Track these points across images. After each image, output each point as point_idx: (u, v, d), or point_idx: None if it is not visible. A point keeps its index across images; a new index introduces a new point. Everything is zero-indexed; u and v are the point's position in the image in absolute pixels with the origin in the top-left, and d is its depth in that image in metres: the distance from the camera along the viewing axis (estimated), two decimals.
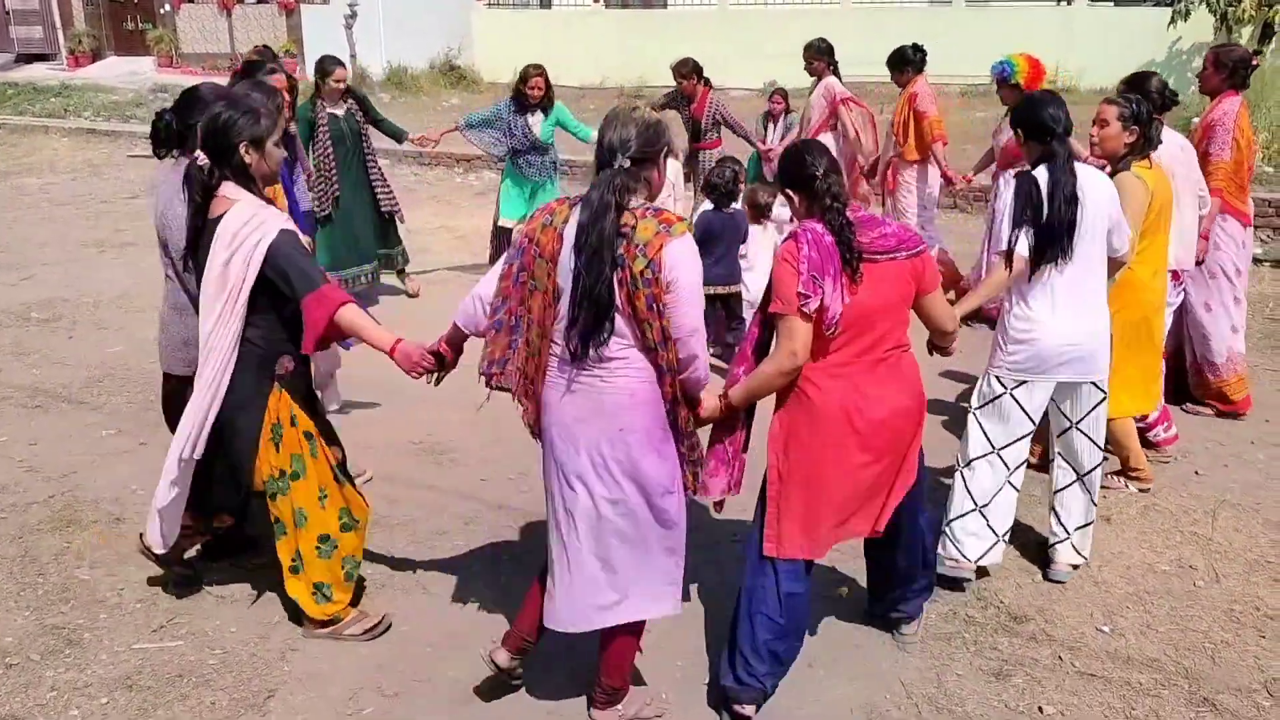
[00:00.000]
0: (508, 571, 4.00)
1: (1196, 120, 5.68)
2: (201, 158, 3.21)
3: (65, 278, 8.10)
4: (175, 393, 3.92)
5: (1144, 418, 4.78)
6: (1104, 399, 3.76)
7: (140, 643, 3.58)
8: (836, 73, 7.65)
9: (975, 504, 3.77)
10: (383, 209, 7.23)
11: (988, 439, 3.75)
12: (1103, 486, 4.15)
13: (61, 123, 16.01)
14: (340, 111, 6.99)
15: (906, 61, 7.00)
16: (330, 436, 3.62)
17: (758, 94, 8.49)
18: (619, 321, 2.74)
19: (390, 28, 22.76)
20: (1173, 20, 17.72)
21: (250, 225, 3.19)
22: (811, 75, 7.72)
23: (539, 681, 3.31)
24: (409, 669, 3.45)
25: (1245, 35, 17.21)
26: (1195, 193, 4.95)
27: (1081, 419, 3.78)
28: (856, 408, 2.99)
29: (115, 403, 5.68)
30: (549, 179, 7.50)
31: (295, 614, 3.65)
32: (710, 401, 3.05)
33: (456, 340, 3.20)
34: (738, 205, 6.18)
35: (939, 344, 3.34)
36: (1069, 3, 19.40)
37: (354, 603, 3.71)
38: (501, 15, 22.10)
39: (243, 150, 3.23)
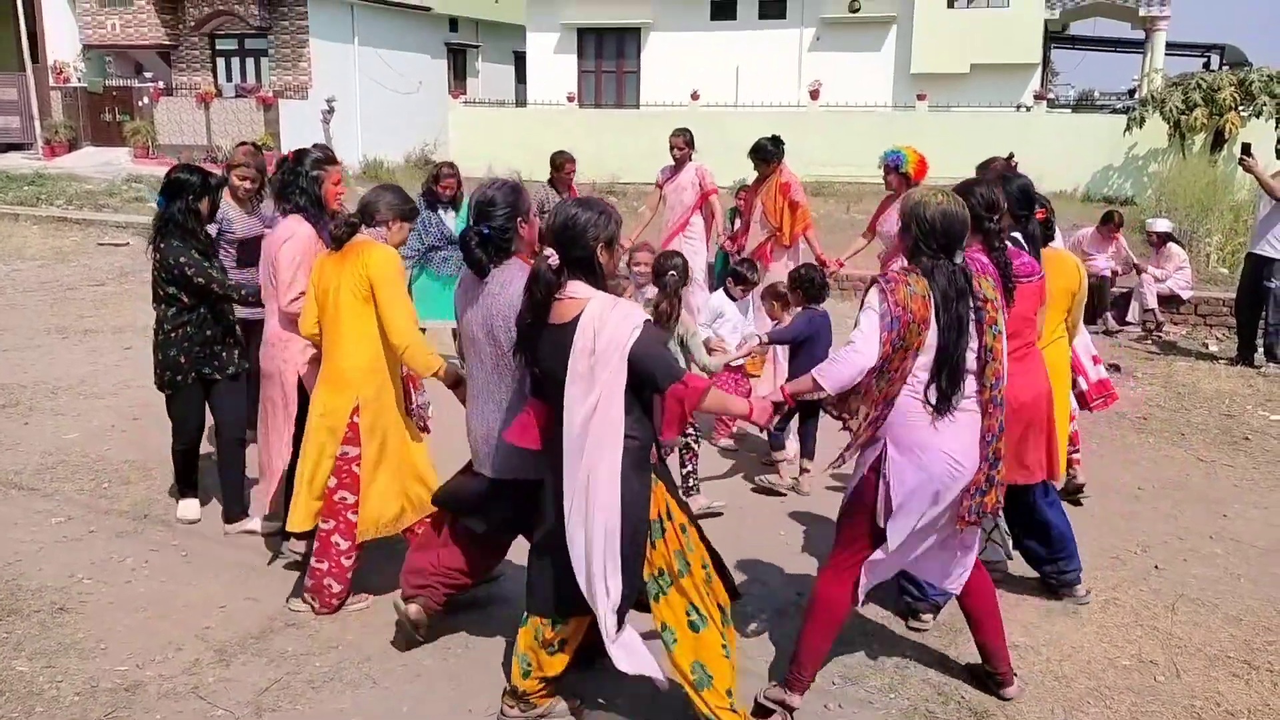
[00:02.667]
0: None
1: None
2: (553, 257, 3.09)
3: (24, 363, 8.02)
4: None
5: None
6: None
7: None
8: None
9: None
10: None
11: None
12: None
13: (33, 210, 16.05)
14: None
15: (769, 154, 7.49)
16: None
17: (728, 191, 8.69)
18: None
19: (367, 122, 23.24)
20: (1128, 127, 18.40)
21: (614, 322, 3.05)
22: (679, 161, 8.21)
23: None
24: None
25: (1198, 142, 17.85)
26: None
27: None
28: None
29: (66, 490, 5.57)
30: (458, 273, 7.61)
31: None
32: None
33: (803, 392, 3.47)
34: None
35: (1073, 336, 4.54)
36: (1028, 109, 20.09)
37: None
38: (477, 112, 22.62)
39: (598, 250, 3.13)
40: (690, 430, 5.18)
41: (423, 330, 7.21)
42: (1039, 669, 3.92)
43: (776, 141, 7.56)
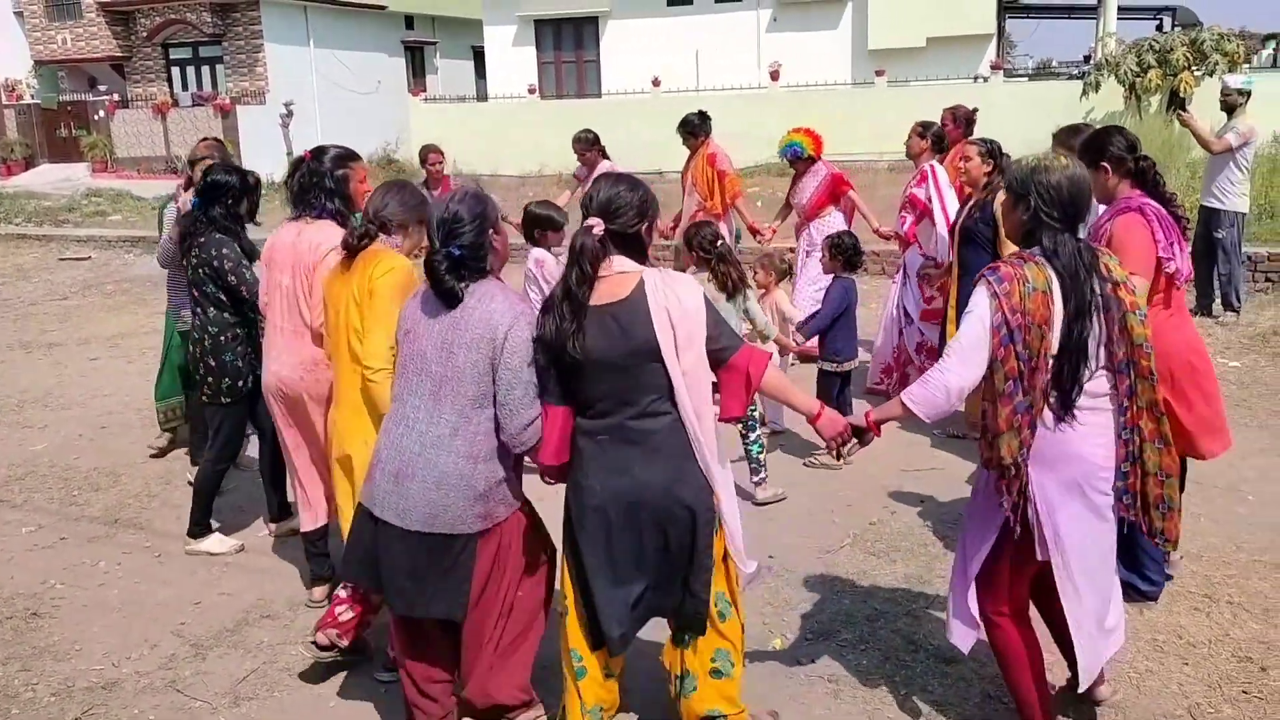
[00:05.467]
0: None
1: None
2: (598, 226, 2.87)
3: None
4: None
5: None
6: None
7: None
8: (606, 155, 8.52)
9: None
10: None
11: None
12: None
13: None
14: None
15: (696, 128, 7.94)
16: None
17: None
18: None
19: (327, 124, 23.11)
20: (1084, 92, 18.54)
21: (681, 291, 2.87)
22: (586, 164, 8.45)
23: None
24: None
25: (1154, 103, 18.02)
26: None
27: None
28: None
29: (36, 499, 5.56)
30: None
31: None
32: None
33: (892, 419, 3.16)
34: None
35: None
36: (985, 80, 20.20)
37: None
38: (438, 109, 22.52)
39: (644, 226, 2.95)
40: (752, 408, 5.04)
41: None
42: None
43: (703, 116, 8.00)
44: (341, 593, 3.71)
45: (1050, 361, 2.83)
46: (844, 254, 5.79)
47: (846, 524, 4.86)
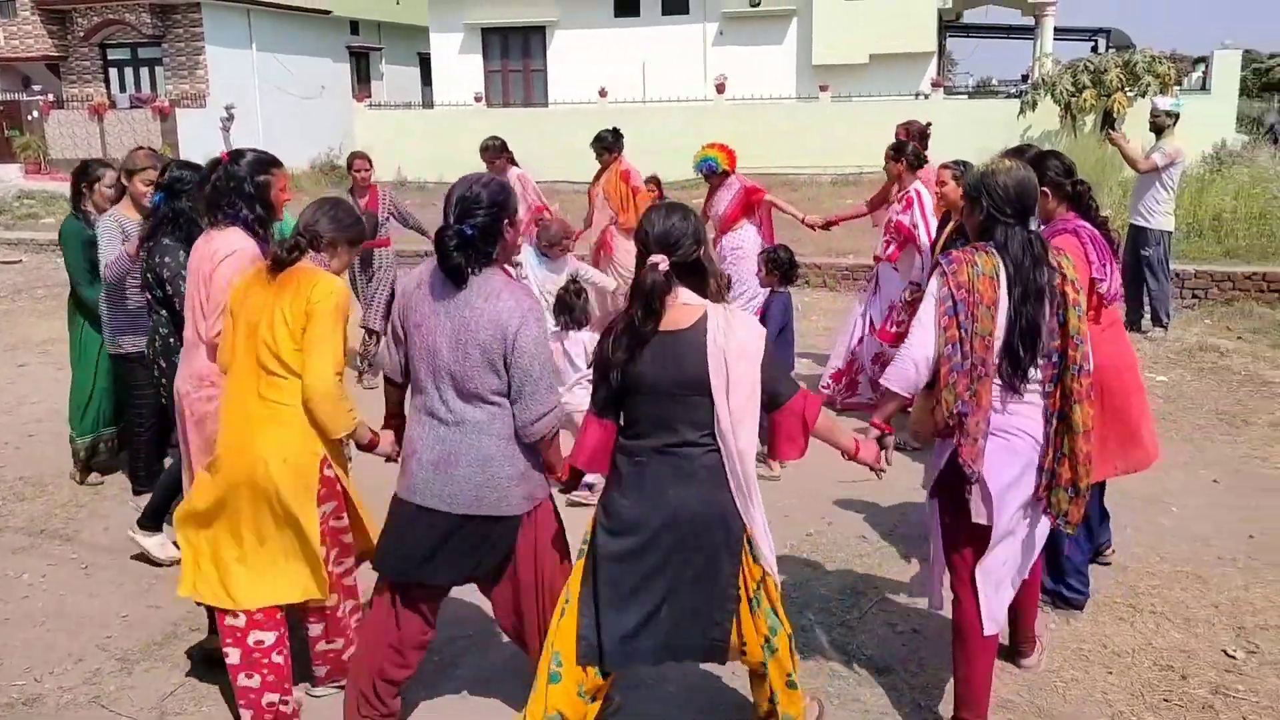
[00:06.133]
0: None
1: None
2: (664, 263, 2.88)
3: None
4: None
5: None
6: None
7: None
8: (514, 162, 8.58)
9: None
10: None
11: None
12: None
13: None
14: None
15: (610, 145, 8.22)
16: None
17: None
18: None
19: (269, 129, 22.82)
20: (1022, 111, 18.98)
21: (740, 331, 2.91)
22: (494, 172, 8.30)
23: None
24: None
25: (1088, 123, 18.48)
26: None
27: None
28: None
29: None
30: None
31: None
32: None
33: (891, 412, 3.36)
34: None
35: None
36: (926, 96, 20.56)
37: None
38: (383, 115, 22.33)
39: (701, 254, 2.99)
40: None
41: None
42: (936, 621, 4.05)
43: (616, 134, 8.32)
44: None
45: (999, 343, 3.09)
46: (780, 268, 5.85)
47: (783, 535, 4.89)
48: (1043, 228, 3.94)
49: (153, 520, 4.71)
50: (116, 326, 5.17)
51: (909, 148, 6.69)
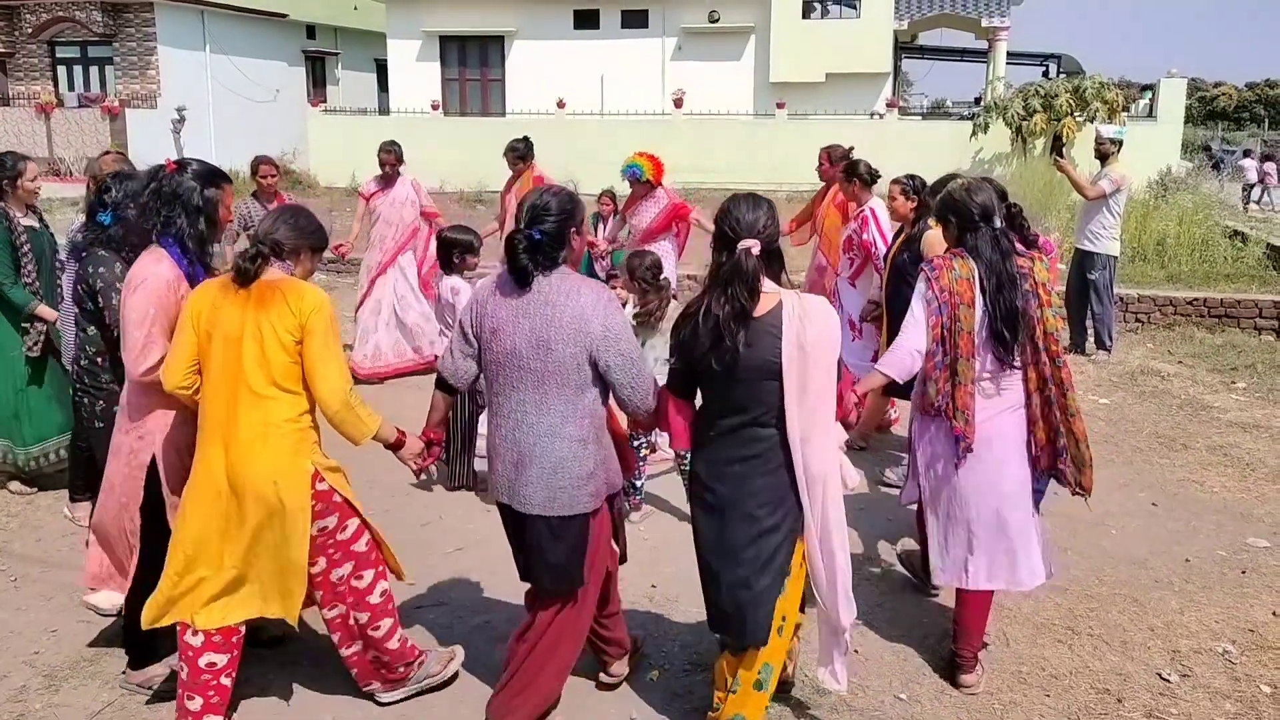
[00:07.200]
0: None
1: None
2: (756, 246, 3.02)
3: None
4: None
5: None
6: None
7: None
8: (401, 160, 8.47)
9: None
10: None
11: None
12: None
13: None
14: (36, 222, 5.57)
15: (524, 154, 8.46)
16: None
17: (594, 199, 8.84)
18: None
19: (221, 132, 22.53)
20: (974, 133, 19.28)
21: (817, 316, 3.05)
22: (389, 176, 8.34)
23: None
24: None
25: (1039, 146, 18.79)
26: None
27: None
28: None
29: None
30: None
31: None
32: None
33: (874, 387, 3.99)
34: None
35: None
36: (881, 116, 20.80)
37: None
38: (338, 120, 22.10)
39: (778, 241, 3.19)
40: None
41: None
42: (880, 643, 4.08)
43: (528, 143, 8.55)
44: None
45: (985, 333, 3.56)
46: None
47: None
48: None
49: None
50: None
51: (860, 166, 6.73)
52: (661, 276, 5.23)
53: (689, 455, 3.29)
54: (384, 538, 3.57)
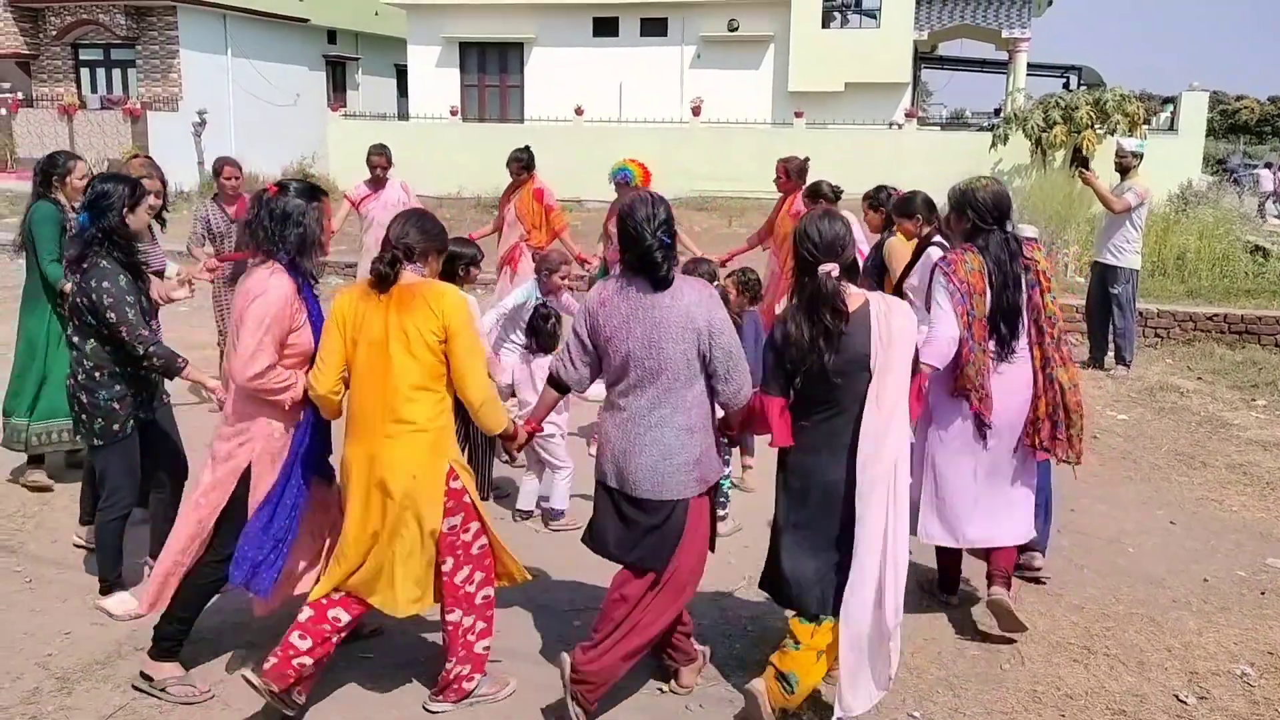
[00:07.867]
0: None
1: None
2: (835, 269, 3.41)
3: None
4: None
5: None
6: None
7: None
8: (389, 164, 8.49)
9: None
10: None
11: None
12: None
13: None
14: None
15: (527, 164, 8.42)
16: None
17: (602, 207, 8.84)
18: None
19: (242, 136, 22.65)
20: (993, 144, 19.18)
21: (898, 315, 3.47)
22: (379, 179, 8.37)
23: None
24: None
25: (1058, 158, 18.69)
26: None
27: None
28: None
29: None
30: None
31: None
32: None
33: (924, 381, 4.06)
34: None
35: None
36: (899, 127, 20.73)
37: None
38: (357, 125, 22.17)
39: (856, 253, 3.64)
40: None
41: None
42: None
43: (529, 152, 8.53)
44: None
45: (988, 321, 3.97)
46: (750, 289, 5.92)
47: (741, 566, 4.86)
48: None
49: (104, 582, 4.35)
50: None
51: (823, 186, 6.94)
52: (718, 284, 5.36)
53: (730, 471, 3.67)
54: (502, 542, 3.71)
